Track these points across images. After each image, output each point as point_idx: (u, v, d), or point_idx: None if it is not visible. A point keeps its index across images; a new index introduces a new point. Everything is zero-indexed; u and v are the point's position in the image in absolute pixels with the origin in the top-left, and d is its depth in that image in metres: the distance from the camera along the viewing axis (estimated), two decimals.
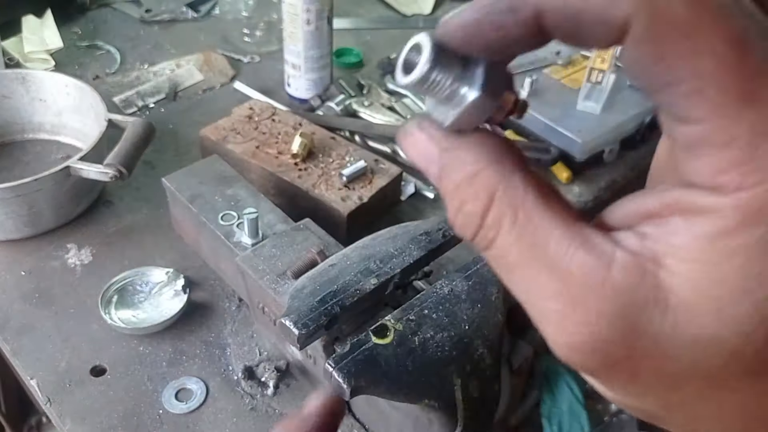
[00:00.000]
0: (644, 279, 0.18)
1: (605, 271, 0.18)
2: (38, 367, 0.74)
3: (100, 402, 0.71)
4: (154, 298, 0.81)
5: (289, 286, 0.65)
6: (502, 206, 0.20)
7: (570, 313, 0.19)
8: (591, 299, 0.18)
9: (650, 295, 0.18)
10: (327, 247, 0.70)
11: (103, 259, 0.86)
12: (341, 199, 0.85)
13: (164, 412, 0.71)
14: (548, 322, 0.19)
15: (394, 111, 1.12)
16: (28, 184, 0.81)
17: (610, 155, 1.02)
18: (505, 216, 0.20)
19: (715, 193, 0.17)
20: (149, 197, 0.94)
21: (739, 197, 0.16)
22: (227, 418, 0.71)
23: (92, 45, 1.26)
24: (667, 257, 0.18)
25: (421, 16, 1.44)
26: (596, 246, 0.19)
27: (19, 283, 0.83)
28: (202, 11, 1.38)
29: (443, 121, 0.21)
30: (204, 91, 1.17)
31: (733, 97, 0.16)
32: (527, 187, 0.20)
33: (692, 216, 0.17)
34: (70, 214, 0.90)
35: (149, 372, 0.74)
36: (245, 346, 0.77)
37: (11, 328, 0.78)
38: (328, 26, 1.07)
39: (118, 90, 1.14)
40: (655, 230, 0.18)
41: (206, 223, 0.75)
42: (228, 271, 0.78)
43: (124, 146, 0.85)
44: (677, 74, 0.17)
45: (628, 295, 0.18)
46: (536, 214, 0.19)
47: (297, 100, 1.13)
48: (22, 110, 1.01)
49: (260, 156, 0.90)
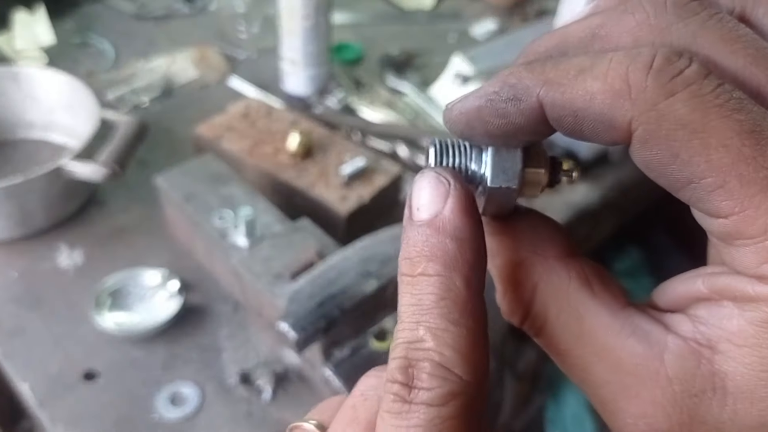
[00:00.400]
0: (700, 366, 0.18)
1: (658, 360, 0.18)
2: (29, 371, 0.73)
3: (93, 407, 0.70)
4: (148, 301, 0.79)
5: (286, 288, 0.63)
6: (546, 296, 0.20)
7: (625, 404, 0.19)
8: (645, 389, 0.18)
9: (707, 383, 0.18)
10: (325, 248, 0.68)
11: (95, 260, 0.85)
12: (340, 199, 0.83)
13: (158, 418, 0.69)
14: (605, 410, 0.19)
15: (393, 108, 1.10)
16: (19, 184, 0.79)
17: (616, 154, 1.01)
18: (549, 306, 0.20)
19: (762, 283, 0.17)
20: (142, 197, 0.92)
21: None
22: (223, 424, 0.69)
23: (85, 41, 1.24)
24: (721, 342, 0.18)
25: (421, 11, 1.42)
26: (647, 333, 0.19)
27: (9, 285, 0.81)
28: (197, 6, 1.36)
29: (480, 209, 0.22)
30: (199, 88, 1.15)
31: (758, 189, 0.16)
32: (570, 276, 0.20)
33: (744, 302, 0.17)
34: (61, 215, 0.88)
35: (143, 376, 0.73)
36: (241, 349, 0.75)
37: (2, 331, 0.76)
38: (327, 21, 1.05)
39: (111, 86, 1.12)
40: (708, 314, 0.18)
41: (201, 223, 0.73)
42: (223, 273, 0.76)
43: (116, 145, 0.84)
44: (695, 171, 0.17)
45: (684, 383, 0.18)
46: (580, 304, 0.20)
47: (294, 97, 1.11)
48: (14, 108, 0.99)
49: (256, 154, 0.89)
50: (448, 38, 1.33)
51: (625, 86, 0.17)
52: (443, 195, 0.20)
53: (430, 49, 1.27)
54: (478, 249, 0.20)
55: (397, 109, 1.10)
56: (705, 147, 0.16)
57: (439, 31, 1.35)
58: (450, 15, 1.41)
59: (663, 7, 0.19)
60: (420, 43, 1.29)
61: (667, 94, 0.17)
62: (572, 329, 0.20)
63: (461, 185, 0.20)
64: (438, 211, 0.20)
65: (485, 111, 0.19)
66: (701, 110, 0.16)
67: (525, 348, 0.76)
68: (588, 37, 0.20)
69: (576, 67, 0.18)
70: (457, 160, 0.21)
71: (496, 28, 1.36)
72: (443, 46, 1.29)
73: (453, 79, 1.08)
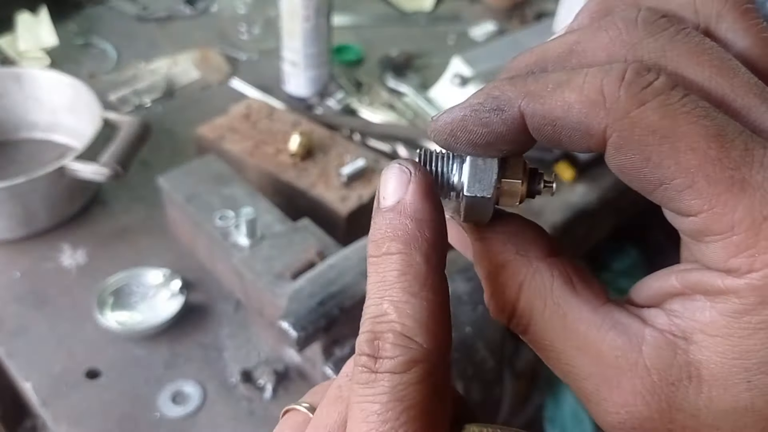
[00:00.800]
0: (676, 356, 0.19)
1: (637, 351, 0.19)
2: (33, 370, 0.73)
3: (95, 405, 0.70)
4: (150, 300, 0.80)
5: (287, 287, 0.64)
6: (530, 295, 0.21)
7: (607, 394, 0.20)
8: (625, 380, 0.19)
9: (683, 372, 0.19)
10: (326, 248, 0.69)
11: (98, 259, 0.85)
12: (340, 199, 0.84)
13: (161, 416, 0.70)
14: (588, 401, 0.21)
15: (393, 109, 1.11)
16: (22, 184, 0.80)
17: None
18: (534, 304, 0.21)
19: (731, 276, 0.18)
20: (145, 197, 0.93)
21: (752, 278, 0.18)
22: (225, 422, 0.70)
23: (88, 42, 1.25)
24: (695, 333, 0.19)
25: (421, 13, 1.42)
26: (626, 327, 0.20)
27: (13, 285, 0.82)
28: (199, 8, 1.37)
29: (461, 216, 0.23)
30: (201, 89, 1.16)
31: (723, 187, 0.17)
32: (553, 275, 0.21)
33: (714, 295, 0.19)
34: (64, 214, 0.89)
35: (145, 375, 0.73)
36: (243, 348, 0.76)
37: (5, 330, 0.77)
38: (328, 23, 1.06)
39: (113, 88, 1.13)
40: (682, 308, 0.20)
41: (203, 223, 0.74)
42: (225, 272, 0.77)
43: (119, 145, 0.84)
44: (666, 173, 0.18)
45: (661, 373, 0.19)
46: (563, 301, 0.21)
47: (295, 98, 1.12)
48: (17, 109, 1.00)
49: (258, 155, 0.89)
50: (447, 40, 1.34)
51: (600, 97, 0.19)
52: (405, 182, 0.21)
53: (429, 51, 1.27)
54: (438, 229, 0.21)
55: (396, 110, 1.11)
56: (674, 150, 0.18)
57: (438, 32, 1.36)
58: (449, 17, 1.42)
59: (634, 23, 0.20)
60: (419, 44, 1.29)
61: (639, 103, 0.18)
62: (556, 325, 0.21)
63: (421, 172, 0.21)
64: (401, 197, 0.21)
65: (470, 120, 0.21)
66: (670, 117, 0.18)
67: (524, 347, 0.77)
68: (565, 53, 0.21)
69: (554, 81, 0.20)
70: (438, 168, 0.22)
71: (495, 29, 1.36)
72: (443, 48, 1.29)
73: (452, 81, 1.08)
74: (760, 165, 0.17)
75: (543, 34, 1.26)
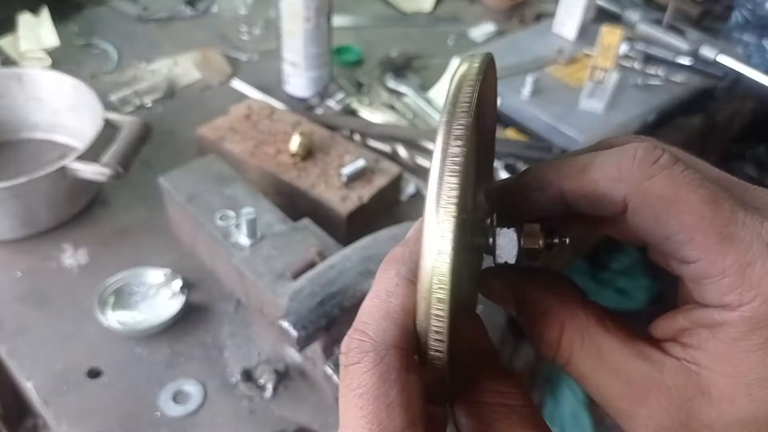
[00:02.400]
0: (690, 377, 0.23)
1: (659, 375, 0.24)
2: (34, 369, 0.73)
3: (96, 404, 0.71)
4: (151, 300, 0.80)
5: (287, 287, 0.64)
6: (570, 333, 0.25)
7: (637, 410, 0.24)
8: (652, 398, 0.24)
9: (697, 390, 0.23)
10: (326, 248, 0.69)
11: (99, 259, 0.85)
12: (341, 199, 0.84)
13: (161, 415, 0.70)
14: (621, 417, 0.25)
15: (394, 109, 1.11)
16: (24, 184, 0.80)
17: None
18: (573, 340, 0.25)
19: (726, 310, 0.22)
20: (146, 197, 0.93)
21: (743, 311, 0.22)
22: (225, 421, 0.70)
23: (89, 43, 1.25)
24: (704, 359, 0.23)
25: (421, 13, 1.43)
26: (649, 356, 0.24)
27: (14, 284, 0.82)
28: (199, 9, 1.37)
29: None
30: (202, 90, 1.16)
31: (716, 240, 0.22)
32: (587, 316, 0.26)
33: (714, 327, 0.23)
34: (66, 214, 0.89)
35: (146, 374, 0.74)
36: (243, 348, 0.76)
37: (7, 330, 0.77)
38: (328, 23, 1.06)
39: (114, 88, 1.13)
40: (690, 340, 0.24)
41: (204, 223, 0.74)
42: (226, 272, 0.77)
43: (120, 145, 0.85)
44: (671, 230, 0.23)
45: (680, 391, 0.23)
46: (598, 336, 0.25)
47: (296, 98, 1.12)
48: (18, 109, 1.00)
49: (258, 155, 0.89)
50: (447, 41, 1.34)
51: (618, 173, 0.24)
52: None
53: (429, 52, 1.28)
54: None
55: (396, 110, 1.11)
56: (678, 213, 0.23)
57: (438, 33, 1.36)
58: (449, 18, 1.42)
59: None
60: (419, 45, 1.30)
61: (649, 176, 0.23)
62: (593, 356, 0.25)
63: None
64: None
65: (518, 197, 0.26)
66: (674, 187, 0.23)
67: (523, 347, 0.77)
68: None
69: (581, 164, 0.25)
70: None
71: (495, 30, 1.37)
72: (442, 49, 1.30)
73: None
74: (743, 224, 0.22)
75: (542, 35, 1.26)
